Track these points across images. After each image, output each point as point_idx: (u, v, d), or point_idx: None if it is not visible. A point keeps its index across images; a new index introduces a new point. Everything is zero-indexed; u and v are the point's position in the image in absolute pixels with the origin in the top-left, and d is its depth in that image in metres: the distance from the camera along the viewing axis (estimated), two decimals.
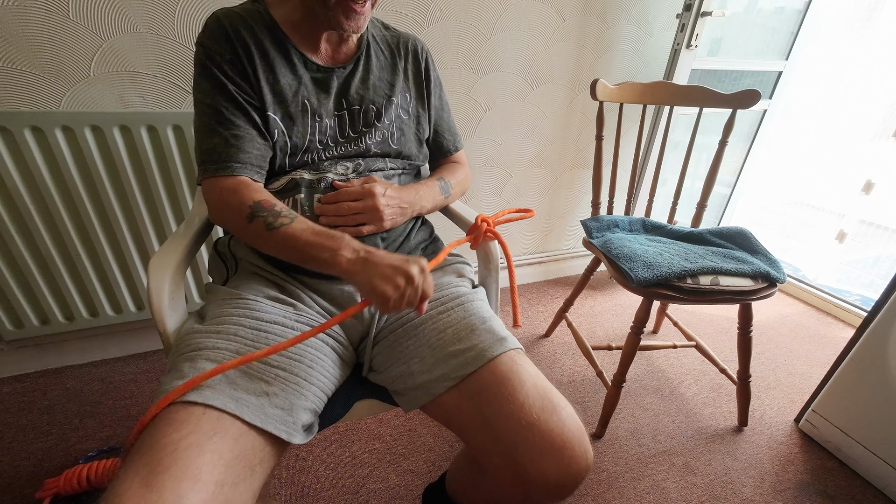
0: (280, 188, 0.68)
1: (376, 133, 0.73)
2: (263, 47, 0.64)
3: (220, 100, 0.62)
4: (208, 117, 0.63)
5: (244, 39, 0.63)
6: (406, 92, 0.77)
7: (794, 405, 1.28)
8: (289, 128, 0.66)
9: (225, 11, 0.64)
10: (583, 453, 0.52)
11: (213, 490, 0.42)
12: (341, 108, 0.70)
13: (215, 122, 0.62)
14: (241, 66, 0.63)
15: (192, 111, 0.70)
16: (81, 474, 0.89)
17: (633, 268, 0.98)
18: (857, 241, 2.63)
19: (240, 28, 0.63)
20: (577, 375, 1.35)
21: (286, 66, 0.66)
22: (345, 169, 0.70)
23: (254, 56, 0.63)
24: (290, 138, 0.66)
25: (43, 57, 0.97)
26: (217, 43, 0.62)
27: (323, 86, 0.69)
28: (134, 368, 1.28)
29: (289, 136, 0.66)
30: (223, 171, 0.61)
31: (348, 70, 0.71)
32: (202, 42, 0.63)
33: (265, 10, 0.66)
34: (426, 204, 0.76)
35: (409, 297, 0.54)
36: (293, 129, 0.66)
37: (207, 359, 0.52)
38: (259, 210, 0.59)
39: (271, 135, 0.65)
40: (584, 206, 1.85)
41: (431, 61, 0.81)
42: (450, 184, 0.81)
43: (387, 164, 0.75)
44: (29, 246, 1.07)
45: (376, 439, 1.10)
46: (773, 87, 1.87)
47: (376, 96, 0.73)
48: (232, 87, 0.62)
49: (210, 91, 0.62)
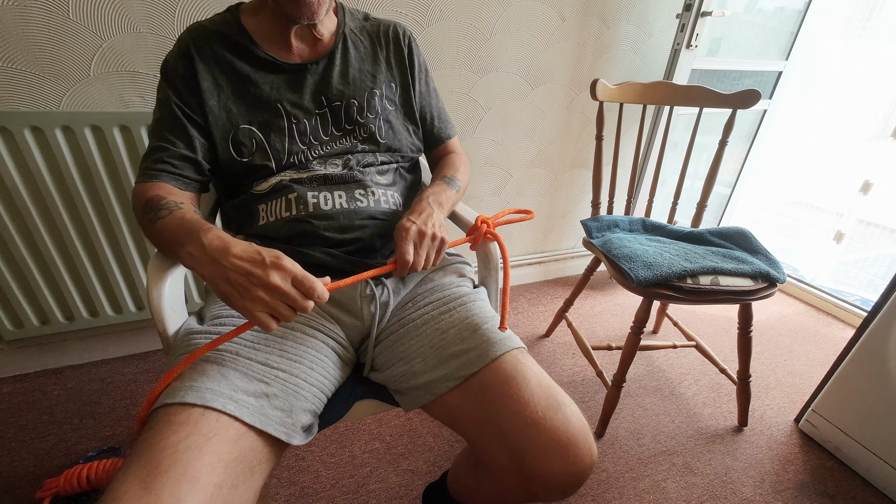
0: (268, 189, 0.68)
1: (361, 129, 0.73)
2: (228, 61, 0.66)
3: (161, 113, 0.65)
4: (150, 130, 0.67)
5: (206, 56, 0.65)
6: (391, 81, 0.76)
7: (794, 405, 1.28)
8: (266, 134, 0.67)
9: (194, 27, 0.67)
10: (588, 450, 0.52)
11: (212, 492, 0.42)
12: (321, 105, 0.70)
13: (152, 135, 0.66)
14: (195, 82, 0.64)
15: None
16: (81, 474, 0.89)
17: (633, 268, 0.98)
18: (856, 241, 2.63)
19: (204, 44, 0.65)
20: (577, 375, 1.35)
21: (256, 74, 0.67)
22: (334, 167, 0.70)
23: (217, 73, 0.65)
24: (270, 144, 0.67)
25: (43, 57, 0.97)
26: (175, 59, 0.65)
27: (296, 84, 0.69)
28: (134, 368, 1.28)
29: (267, 142, 0.67)
30: (140, 178, 0.64)
31: (322, 65, 0.70)
32: (165, 59, 0.66)
33: (235, 18, 0.67)
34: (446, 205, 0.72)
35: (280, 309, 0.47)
36: (270, 134, 0.67)
37: (207, 360, 0.52)
38: (147, 205, 0.59)
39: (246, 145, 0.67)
40: (584, 206, 1.85)
41: (415, 46, 0.79)
42: (455, 178, 0.80)
43: (377, 158, 0.74)
44: (29, 246, 1.07)
45: (376, 439, 1.10)
46: (773, 87, 1.87)
47: (357, 90, 0.72)
48: (175, 100, 0.64)
49: (157, 105, 0.66)
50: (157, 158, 0.64)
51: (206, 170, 0.68)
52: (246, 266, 0.47)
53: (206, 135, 0.66)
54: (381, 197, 0.71)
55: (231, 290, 0.47)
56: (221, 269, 0.47)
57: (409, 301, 0.70)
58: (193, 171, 0.66)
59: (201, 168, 0.67)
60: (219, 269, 0.48)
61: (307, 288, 0.47)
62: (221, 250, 0.48)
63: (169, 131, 0.64)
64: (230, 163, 0.67)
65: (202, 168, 0.67)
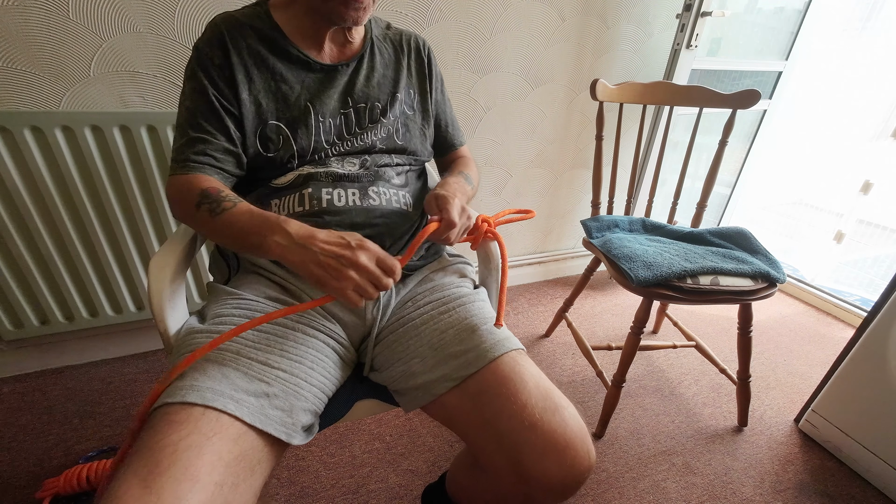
0: (287, 184, 0.69)
1: (381, 129, 0.74)
2: (261, 55, 0.65)
3: (197, 103, 0.63)
4: (183, 118, 0.64)
5: (240, 48, 0.64)
6: (410, 88, 0.78)
7: (794, 405, 1.28)
8: (293, 132, 0.67)
9: (225, 17, 0.65)
10: (585, 453, 0.52)
11: (213, 491, 0.42)
12: (347, 105, 0.71)
13: (187, 124, 0.64)
14: (231, 72, 0.63)
15: None
16: (81, 474, 0.89)
17: (633, 268, 0.98)
18: (856, 242, 2.63)
19: (238, 35, 0.64)
20: (577, 375, 1.35)
21: (287, 71, 0.67)
22: (351, 165, 0.71)
23: (249, 66, 0.64)
24: (296, 141, 0.67)
25: (43, 57, 0.97)
26: (210, 47, 0.63)
27: (327, 84, 0.69)
28: (134, 368, 1.28)
29: (294, 139, 0.67)
30: (181, 170, 0.62)
31: (352, 67, 0.71)
32: (197, 46, 0.64)
33: (266, 13, 0.67)
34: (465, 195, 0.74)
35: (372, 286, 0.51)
36: (297, 132, 0.67)
37: (208, 359, 0.52)
38: (205, 197, 0.59)
39: (273, 141, 0.66)
40: (584, 206, 1.85)
41: (433, 57, 0.82)
42: (469, 176, 0.82)
43: (392, 159, 0.75)
44: (29, 246, 1.07)
45: (376, 439, 1.10)
46: (772, 87, 1.87)
47: (381, 93, 0.74)
48: (212, 90, 0.63)
49: (190, 93, 0.64)
50: (200, 150, 0.62)
51: (244, 164, 0.67)
52: (335, 249, 0.50)
53: (241, 128, 0.65)
54: (392, 197, 0.72)
55: (323, 273, 0.50)
56: (312, 255, 0.50)
57: (409, 300, 0.70)
58: (234, 164, 0.66)
59: (241, 162, 0.67)
60: (309, 255, 0.50)
61: (388, 266, 0.52)
62: (308, 237, 0.52)
63: (208, 122, 0.63)
64: (255, 157, 0.67)
65: (242, 162, 0.67)
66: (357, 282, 0.50)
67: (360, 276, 0.50)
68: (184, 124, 0.64)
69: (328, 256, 0.50)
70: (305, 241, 0.51)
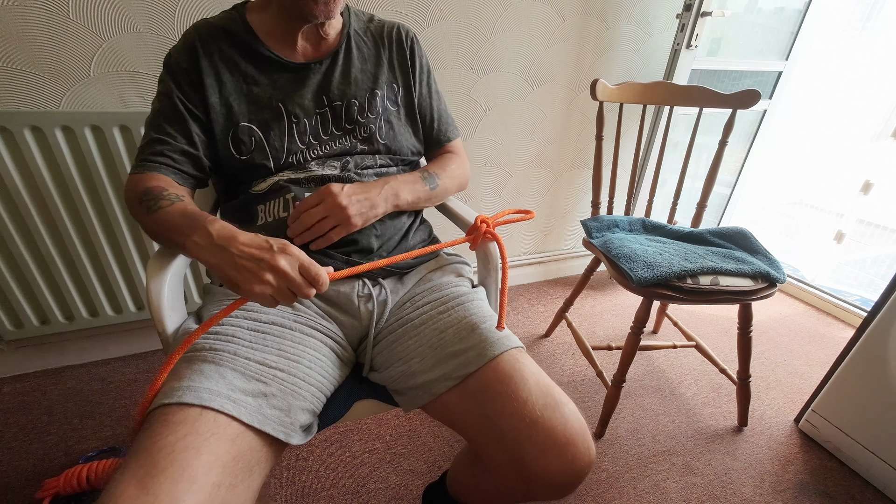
0: (266, 190, 0.68)
1: (361, 129, 0.72)
2: (232, 59, 0.66)
3: (161, 105, 0.65)
4: (148, 121, 0.66)
5: (211, 52, 0.65)
6: (393, 83, 0.76)
7: (794, 405, 1.28)
8: (266, 133, 0.67)
9: (200, 24, 0.67)
10: (586, 450, 0.52)
11: (210, 491, 0.42)
12: (322, 105, 0.70)
13: (150, 126, 0.65)
14: (198, 77, 0.64)
15: None
16: (81, 474, 0.89)
17: (633, 268, 0.98)
18: (856, 242, 2.63)
19: (209, 40, 0.65)
20: (577, 375, 1.35)
21: (259, 72, 0.67)
22: (332, 168, 0.70)
23: (220, 69, 0.65)
24: (269, 143, 0.67)
25: (43, 57, 0.97)
26: (179, 53, 0.65)
27: (299, 83, 0.69)
28: (134, 368, 1.28)
29: (267, 141, 0.67)
30: (136, 170, 0.63)
31: (325, 65, 0.70)
32: (169, 52, 0.66)
33: (241, 16, 0.67)
34: (404, 195, 0.71)
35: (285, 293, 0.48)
36: (270, 133, 0.67)
37: (205, 360, 0.52)
38: (146, 194, 0.59)
39: (245, 143, 0.67)
40: (584, 206, 1.85)
41: (418, 47, 0.79)
42: (435, 175, 0.77)
43: (376, 160, 0.74)
44: (29, 246, 1.07)
45: (376, 439, 1.10)
46: (773, 87, 1.87)
47: (358, 90, 0.72)
48: (177, 93, 0.64)
49: (158, 97, 0.66)
50: (157, 151, 0.63)
51: (206, 166, 0.68)
52: (254, 252, 0.48)
53: (207, 131, 0.66)
54: None
55: (238, 276, 0.48)
56: (229, 256, 0.48)
57: (408, 301, 0.70)
58: (193, 166, 0.66)
59: (201, 164, 0.67)
60: (227, 256, 0.48)
61: (312, 275, 0.49)
62: (229, 238, 0.49)
63: (169, 125, 0.64)
64: (229, 160, 0.67)
65: (202, 164, 0.67)
66: (274, 286, 0.47)
67: (278, 281, 0.47)
68: (147, 126, 0.66)
69: (245, 259, 0.48)
70: (225, 242, 0.49)
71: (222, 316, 0.50)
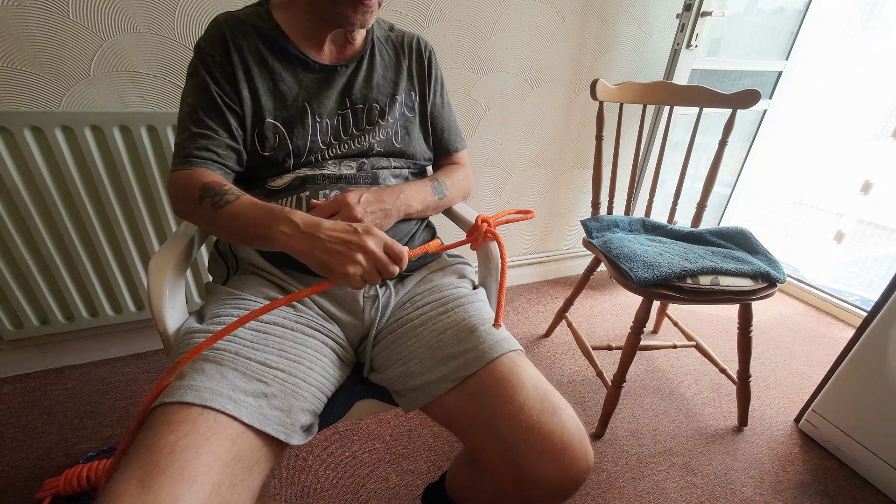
0: (284, 186, 0.68)
1: (380, 131, 0.73)
2: (261, 54, 0.65)
3: (199, 99, 0.64)
4: (185, 114, 0.64)
5: (241, 46, 0.64)
6: (411, 90, 0.78)
7: (794, 405, 1.28)
8: (290, 131, 0.67)
9: (226, 16, 0.66)
10: (583, 455, 0.52)
11: (211, 491, 0.42)
12: (344, 107, 0.71)
13: (189, 120, 0.64)
14: (231, 70, 0.64)
15: None
16: (81, 474, 0.89)
17: (633, 268, 0.98)
18: (856, 242, 2.63)
19: (238, 34, 0.64)
20: (577, 375, 1.35)
21: (286, 70, 0.67)
22: (348, 168, 0.71)
23: (250, 64, 0.65)
24: (292, 140, 0.67)
25: (43, 57, 0.97)
26: (211, 45, 0.64)
27: (325, 85, 0.69)
28: (134, 368, 1.28)
29: (290, 138, 0.67)
30: (183, 165, 0.62)
31: (351, 69, 0.71)
32: (199, 44, 0.65)
33: (267, 12, 0.67)
34: (415, 204, 0.72)
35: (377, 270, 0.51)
36: (294, 131, 0.67)
37: (206, 359, 0.52)
38: (207, 191, 0.59)
39: (269, 139, 0.66)
40: (584, 206, 1.85)
41: (434, 59, 0.81)
42: (444, 184, 0.79)
43: (391, 162, 0.75)
44: (29, 246, 1.07)
45: (376, 439, 1.10)
46: (773, 87, 1.87)
47: (380, 95, 0.73)
48: (215, 87, 0.63)
49: (193, 90, 0.64)
50: (202, 146, 0.63)
51: (245, 161, 0.67)
52: (342, 235, 0.51)
53: (242, 125, 0.66)
54: None
55: (330, 259, 0.50)
56: (319, 242, 0.51)
57: (408, 301, 0.70)
58: (236, 161, 0.66)
59: (242, 159, 0.67)
60: (317, 242, 0.51)
61: (396, 253, 0.52)
62: (315, 225, 0.52)
63: (210, 119, 0.63)
64: (252, 154, 0.67)
65: (242, 159, 0.67)
66: (364, 266, 0.50)
67: (368, 262, 0.50)
68: (185, 120, 0.64)
69: (335, 243, 0.50)
70: (312, 229, 0.51)
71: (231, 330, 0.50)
